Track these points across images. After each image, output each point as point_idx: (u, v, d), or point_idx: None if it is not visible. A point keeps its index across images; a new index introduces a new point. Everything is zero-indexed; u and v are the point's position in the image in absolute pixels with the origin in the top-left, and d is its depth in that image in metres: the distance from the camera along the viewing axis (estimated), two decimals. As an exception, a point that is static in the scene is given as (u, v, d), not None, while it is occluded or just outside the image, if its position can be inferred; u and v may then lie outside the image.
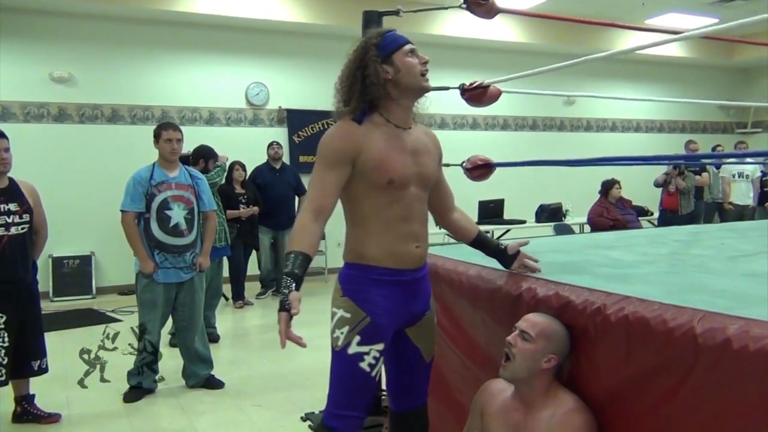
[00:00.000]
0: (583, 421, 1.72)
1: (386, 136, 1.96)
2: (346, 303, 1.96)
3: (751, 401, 1.38)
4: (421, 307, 2.09)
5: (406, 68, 1.96)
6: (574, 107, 10.02)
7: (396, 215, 1.97)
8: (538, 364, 1.77)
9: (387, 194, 1.95)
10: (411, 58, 1.98)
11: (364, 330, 1.93)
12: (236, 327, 5.88)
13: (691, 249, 3.03)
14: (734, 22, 2.16)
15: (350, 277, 2.00)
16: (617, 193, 7.03)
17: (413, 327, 2.09)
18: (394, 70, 1.95)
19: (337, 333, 1.96)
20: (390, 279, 1.98)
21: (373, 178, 1.93)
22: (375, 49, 1.95)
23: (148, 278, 3.77)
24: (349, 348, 1.93)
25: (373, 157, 1.92)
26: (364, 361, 1.94)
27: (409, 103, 2.03)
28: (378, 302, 1.96)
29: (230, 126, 7.84)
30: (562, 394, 1.79)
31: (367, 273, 1.97)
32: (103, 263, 7.21)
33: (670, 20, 8.71)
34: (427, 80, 2.02)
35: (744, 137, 10.90)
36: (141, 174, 3.77)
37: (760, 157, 8.10)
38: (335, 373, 1.99)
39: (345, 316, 1.95)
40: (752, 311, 1.53)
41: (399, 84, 1.96)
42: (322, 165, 1.95)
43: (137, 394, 3.82)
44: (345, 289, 1.99)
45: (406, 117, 2.03)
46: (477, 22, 7.21)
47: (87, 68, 7.17)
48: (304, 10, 7.43)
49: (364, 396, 2.00)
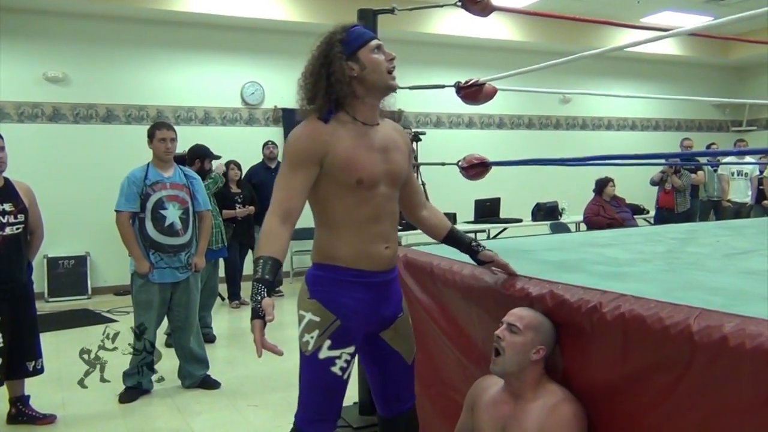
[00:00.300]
0: (572, 410, 1.74)
1: (354, 135, 1.90)
2: (314, 306, 1.91)
3: (748, 399, 1.38)
4: (393, 310, 2.05)
5: (372, 65, 1.89)
6: (569, 106, 10.02)
7: (365, 216, 1.92)
8: (527, 356, 1.79)
9: (356, 194, 1.89)
10: (377, 55, 1.91)
11: (334, 334, 1.88)
12: (232, 327, 5.87)
13: (686, 247, 3.03)
14: (725, 18, 2.16)
15: (318, 278, 1.95)
16: (611, 191, 7.05)
17: (388, 330, 2.05)
18: (359, 67, 1.88)
19: (306, 337, 1.91)
20: (360, 281, 1.93)
21: (341, 178, 1.88)
22: (340, 45, 1.88)
23: (144, 278, 3.75)
24: (320, 353, 1.89)
25: (340, 157, 1.86)
26: (336, 366, 1.91)
27: (375, 101, 1.96)
28: (348, 305, 1.91)
29: (225, 125, 7.82)
30: (550, 386, 1.81)
31: (336, 274, 1.92)
32: (98, 263, 7.18)
33: (666, 18, 8.73)
34: (394, 78, 1.95)
35: (739, 135, 10.93)
36: (135, 174, 3.76)
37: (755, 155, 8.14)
38: (306, 378, 1.96)
39: (314, 320, 1.90)
40: (748, 309, 1.53)
41: (365, 81, 1.89)
42: (288, 166, 1.88)
43: (133, 395, 3.81)
44: (313, 291, 1.93)
45: (373, 114, 1.97)
46: (472, 21, 7.20)
47: (81, 68, 7.14)
48: (299, 9, 7.42)
49: (337, 399, 1.98)
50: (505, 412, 1.84)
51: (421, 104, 8.71)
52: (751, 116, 11.34)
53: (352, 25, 1.96)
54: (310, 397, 1.96)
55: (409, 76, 7.25)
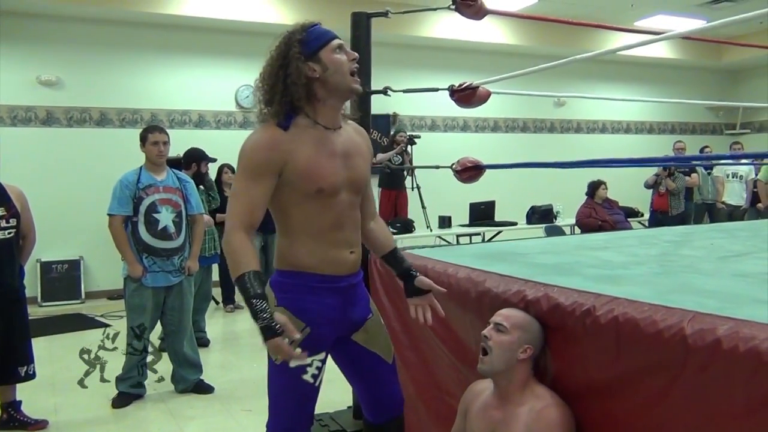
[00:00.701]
0: (560, 414, 1.74)
1: (314, 141, 1.83)
2: (282, 314, 1.84)
3: (741, 402, 1.37)
4: (361, 313, 2.02)
5: (335, 66, 1.81)
6: (564, 109, 10.04)
7: (327, 223, 1.87)
8: (514, 354, 1.80)
9: (317, 202, 1.84)
10: (339, 55, 1.83)
11: (304, 341, 1.83)
12: (226, 331, 5.85)
13: (681, 250, 3.03)
14: (718, 21, 2.16)
15: (284, 285, 1.90)
16: (603, 194, 7.07)
17: (359, 333, 2.01)
18: (321, 69, 1.81)
19: None
20: (326, 286, 1.89)
21: (301, 187, 1.82)
22: (299, 45, 1.80)
23: (137, 282, 3.73)
24: (290, 361, 1.82)
25: (300, 166, 1.80)
26: (307, 373, 1.88)
27: (337, 104, 1.89)
28: (316, 310, 1.88)
29: (220, 129, 7.81)
30: (539, 390, 1.81)
31: (302, 280, 1.88)
32: (92, 268, 7.15)
33: (659, 22, 8.76)
34: (358, 80, 1.88)
35: (733, 138, 10.97)
36: (128, 177, 3.74)
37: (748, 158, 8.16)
38: (277, 387, 1.92)
39: None
40: (742, 312, 1.53)
41: (327, 83, 1.82)
42: (246, 176, 1.79)
43: (126, 400, 3.78)
44: (279, 299, 1.88)
45: (335, 117, 1.89)
46: (466, 24, 7.19)
47: (75, 71, 7.12)
48: (293, 12, 7.40)
49: (309, 407, 1.95)
50: (495, 417, 1.85)
51: (416, 107, 8.71)
52: (745, 119, 11.37)
53: (312, 24, 1.88)
54: (282, 406, 1.92)
55: (403, 79, 7.23)
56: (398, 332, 2.66)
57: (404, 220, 6.92)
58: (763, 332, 1.37)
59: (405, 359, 2.64)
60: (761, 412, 1.34)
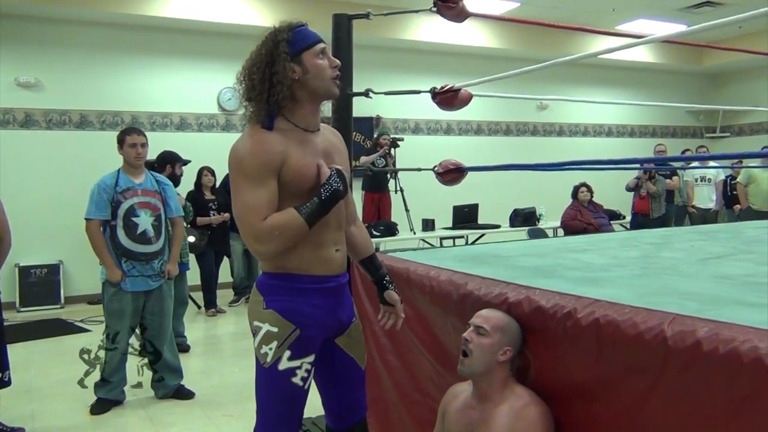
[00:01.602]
0: (539, 412, 1.75)
1: (299, 142, 1.83)
2: (271, 316, 1.84)
3: (721, 404, 1.37)
4: (348, 315, 2.01)
5: (315, 70, 1.81)
6: (546, 112, 10.10)
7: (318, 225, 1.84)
8: (494, 357, 1.81)
9: (302, 202, 1.81)
10: (321, 60, 1.83)
11: (294, 344, 1.82)
12: (208, 335, 5.79)
13: (661, 252, 3.04)
14: (698, 25, 2.18)
15: (273, 287, 1.88)
16: (584, 197, 7.12)
17: (342, 337, 2.00)
18: (302, 71, 1.80)
19: (264, 349, 1.84)
20: (315, 287, 1.88)
21: (292, 188, 1.80)
22: (285, 44, 1.79)
23: (116, 287, 3.68)
24: (279, 364, 1.82)
25: (294, 167, 1.79)
26: (297, 376, 1.85)
27: (315, 107, 1.88)
28: (306, 312, 1.86)
29: (202, 131, 7.75)
30: (518, 390, 1.82)
31: (291, 282, 1.86)
32: (71, 272, 7.06)
33: (640, 26, 8.84)
34: (338, 86, 1.87)
35: (713, 141, 11.10)
36: (106, 181, 3.69)
37: (726, 161, 8.26)
38: (266, 390, 1.89)
39: (272, 331, 1.83)
40: (722, 313, 1.53)
41: (306, 86, 1.81)
42: (249, 183, 1.76)
43: (105, 406, 3.72)
44: (269, 301, 1.86)
45: (315, 120, 1.89)
46: (449, 27, 7.22)
47: (54, 73, 7.03)
48: (274, 14, 7.37)
49: (298, 410, 1.93)
50: (474, 417, 1.85)
51: (399, 111, 8.71)
52: (725, 122, 11.51)
53: (298, 25, 1.88)
54: (271, 410, 1.90)
55: (385, 81, 7.27)
56: (380, 336, 2.65)
57: (387, 222, 6.91)
58: (742, 334, 1.37)
59: (387, 363, 2.63)
60: (741, 413, 1.34)
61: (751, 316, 1.50)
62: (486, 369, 1.82)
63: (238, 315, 6.42)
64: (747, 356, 1.32)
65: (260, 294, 1.89)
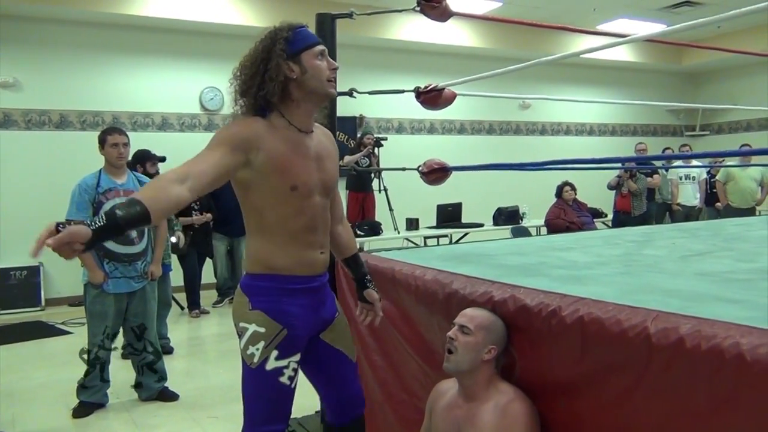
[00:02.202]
0: (524, 408, 1.77)
1: (289, 140, 1.84)
2: (258, 317, 1.85)
3: (704, 400, 1.39)
4: (330, 311, 2.05)
5: (313, 70, 1.83)
6: (529, 111, 10.15)
7: (301, 226, 1.88)
8: (479, 355, 1.83)
9: (291, 204, 1.84)
10: (320, 61, 1.85)
11: (281, 343, 1.85)
12: (191, 337, 5.75)
13: (643, 249, 3.07)
14: (678, 25, 2.20)
15: (259, 288, 1.89)
16: (568, 195, 7.17)
17: (327, 332, 2.04)
18: (300, 71, 1.82)
19: (251, 349, 1.85)
20: (300, 287, 1.91)
21: (274, 183, 1.81)
22: (283, 43, 1.82)
23: (98, 289, 3.64)
24: (266, 364, 1.84)
25: (274, 158, 1.79)
26: (284, 375, 1.87)
27: (311, 108, 1.90)
28: (292, 312, 1.88)
29: (184, 131, 7.69)
30: (502, 386, 1.84)
31: (277, 283, 1.88)
32: (52, 274, 6.97)
33: (621, 26, 8.91)
34: (334, 87, 1.90)
35: (693, 140, 11.23)
36: (87, 181, 3.65)
37: (706, 159, 8.37)
38: (253, 390, 1.90)
39: (259, 331, 1.85)
40: (704, 310, 1.55)
41: (303, 86, 1.83)
42: (211, 146, 1.75)
43: (87, 409, 3.69)
44: (255, 302, 1.87)
45: (309, 120, 1.91)
46: (432, 27, 7.25)
47: (33, 72, 6.94)
48: (256, 14, 7.35)
49: (286, 408, 1.94)
50: (459, 415, 1.87)
51: (382, 110, 8.71)
52: (704, 121, 11.64)
53: (299, 26, 1.89)
54: (259, 409, 1.90)
55: (368, 81, 7.26)
56: (365, 335, 2.65)
57: (371, 222, 6.91)
58: (724, 330, 1.39)
59: (372, 363, 2.63)
60: (724, 409, 1.35)
61: (733, 312, 1.52)
62: (471, 367, 1.83)
63: (222, 316, 6.38)
64: (729, 352, 1.34)
65: (245, 295, 1.90)
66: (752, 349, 1.31)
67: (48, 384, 4.23)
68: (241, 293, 1.91)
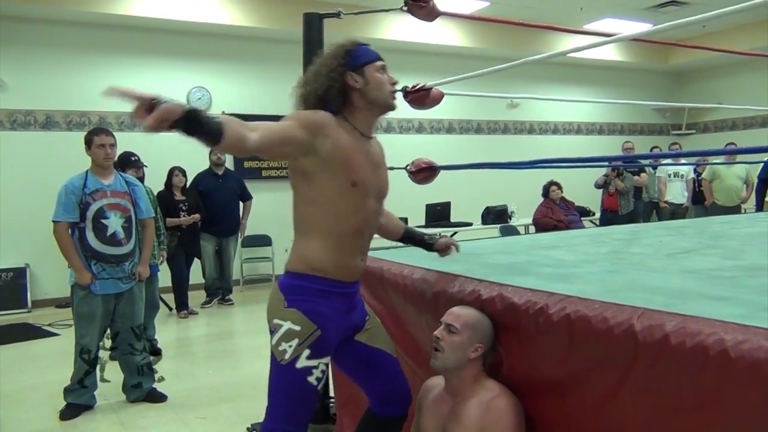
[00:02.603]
0: (508, 404, 1.79)
1: (352, 138, 1.93)
2: (294, 315, 1.88)
3: (689, 397, 1.40)
4: (361, 316, 2.10)
5: (375, 82, 1.95)
6: (517, 111, 10.19)
7: (352, 227, 1.94)
8: (466, 353, 1.85)
9: (348, 201, 1.90)
10: (381, 74, 1.97)
11: (314, 344, 1.88)
12: (180, 338, 5.72)
13: (630, 247, 3.09)
14: (664, 24, 2.22)
15: (298, 287, 1.92)
16: (555, 194, 7.20)
17: (362, 333, 2.09)
18: (363, 81, 1.94)
19: (284, 346, 1.87)
20: (338, 291, 1.95)
21: (337, 175, 1.87)
22: (347, 56, 1.94)
23: (85, 290, 3.62)
24: (297, 362, 1.87)
25: (339, 149, 1.87)
26: (313, 375, 1.89)
27: (372, 116, 2.01)
28: (327, 315, 1.91)
29: (172, 131, 7.63)
30: (488, 383, 1.86)
31: (317, 284, 1.91)
32: (38, 275, 6.92)
33: (607, 25, 8.96)
34: (395, 98, 2.02)
35: (679, 138, 11.30)
36: (74, 182, 3.62)
37: (692, 157, 8.43)
38: (280, 387, 1.92)
39: (294, 329, 1.87)
40: (689, 307, 1.56)
41: (366, 95, 1.95)
42: (291, 119, 1.83)
43: (75, 411, 3.66)
44: (291, 300, 1.90)
45: (370, 127, 2.02)
46: (420, 26, 7.24)
47: (18, 72, 6.88)
48: (243, 14, 7.33)
49: (310, 409, 1.96)
50: (445, 411, 1.89)
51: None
52: (690, 120, 11.73)
53: (362, 43, 2.02)
54: (283, 406, 1.92)
55: (358, 81, 7.24)
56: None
57: (360, 222, 6.89)
58: (709, 327, 1.40)
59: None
60: (708, 404, 1.37)
61: (717, 309, 1.53)
62: (457, 365, 1.86)
63: (210, 317, 6.36)
64: (713, 349, 1.35)
65: (282, 293, 1.93)
66: (736, 345, 1.33)
67: (35, 386, 4.20)
68: (277, 290, 1.94)
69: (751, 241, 3.16)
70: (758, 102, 8.70)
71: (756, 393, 1.28)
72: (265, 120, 1.80)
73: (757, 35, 9.05)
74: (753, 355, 1.29)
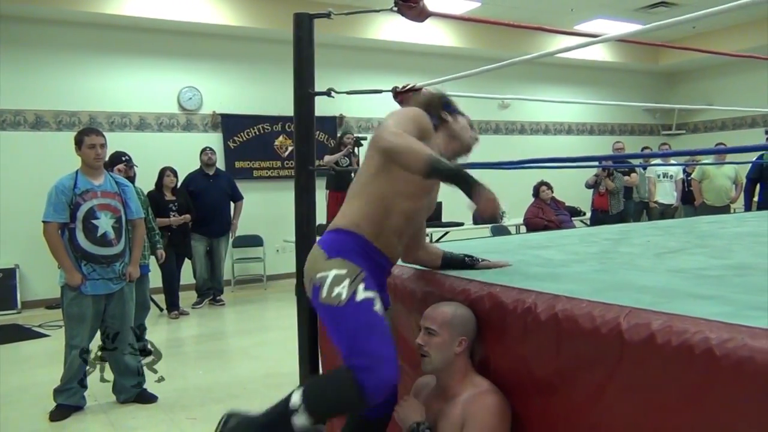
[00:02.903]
0: (495, 400, 1.81)
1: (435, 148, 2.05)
2: (337, 262, 1.87)
3: (674, 394, 1.41)
4: (386, 301, 2.07)
5: (463, 127, 2.20)
6: (508, 111, 10.21)
7: (404, 210, 2.00)
8: (451, 350, 1.88)
9: (413, 186, 1.97)
10: (468, 126, 2.24)
11: (365, 280, 1.86)
12: (171, 338, 5.71)
13: (619, 247, 3.11)
14: (653, 24, 2.23)
15: (339, 241, 1.94)
16: (545, 195, 7.24)
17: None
18: (452, 120, 2.17)
19: (336, 290, 1.83)
20: (375, 259, 1.97)
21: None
22: (443, 99, 2.23)
23: (75, 291, 3.61)
24: (356, 296, 1.82)
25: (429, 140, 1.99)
26: (376, 305, 1.84)
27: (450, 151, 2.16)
28: (365, 267, 1.90)
29: (162, 132, 7.63)
30: (477, 380, 1.89)
31: (357, 242, 1.93)
32: (28, 276, 6.89)
33: (598, 26, 9.00)
34: (477, 141, 2.29)
35: (669, 138, 11.37)
36: (64, 183, 3.61)
37: (681, 157, 8.49)
38: (352, 323, 1.81)
39: (340, 273, 1.85)
40: (675, 306, 1.57)
41: (451, 131, 2.16)
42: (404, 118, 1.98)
43: (64, 412, 3.65)
44: (332, 251, 1.90)
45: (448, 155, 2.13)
46: (410, 26, 7.24)
47: (7, 72, 6.84)
48: (234, 13, 7.31)
49: (390, 338, 1.85)
50: (436, 408, 1.91)
51: (362, 110, 8.71)
52: (680, 120, 11.81)
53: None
54: (364, 336, 1.80)
55: (347, 81, 7.26)
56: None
57: (352, 222, 6.89)
58: (694, 326, 1.42)
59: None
60: (694, 402, 1.38)
61: (703, 308, 1.54)
62: (446, 364, 1.88)
63: (201, 317, 6.35)
64: (699, 347, 1.37)
65: (321, 249, 1.94)
66: (721, 343, 1.34)
67: (24, 387, 4.18)
68: (317, 247, 1.97)
69: (739, 240, 3.18)
70: (747, 103, 8.77)
71: (740, 390, 1.29)
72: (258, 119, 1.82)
73: (746, 36, 9.13)
74: (737, 353, 1.30)
